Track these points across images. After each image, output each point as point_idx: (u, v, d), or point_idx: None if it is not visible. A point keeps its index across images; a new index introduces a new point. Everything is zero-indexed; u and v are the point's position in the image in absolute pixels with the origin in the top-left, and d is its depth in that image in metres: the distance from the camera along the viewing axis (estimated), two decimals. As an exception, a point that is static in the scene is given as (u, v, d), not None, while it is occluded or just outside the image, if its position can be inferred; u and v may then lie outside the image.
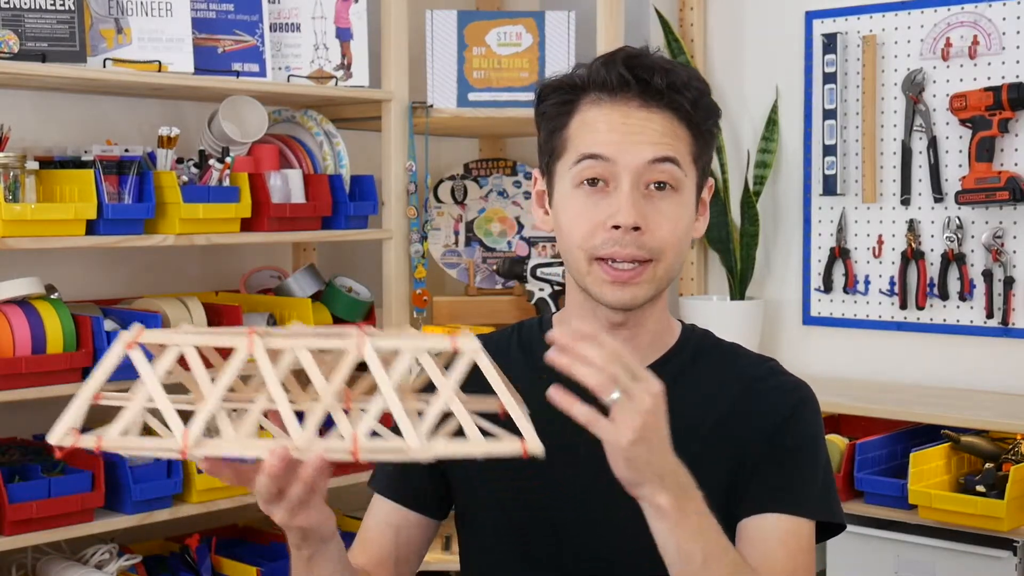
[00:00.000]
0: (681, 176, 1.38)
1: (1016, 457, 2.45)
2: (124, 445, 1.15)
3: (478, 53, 2.91)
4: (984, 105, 2.72)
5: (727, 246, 3.08)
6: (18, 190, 2.21)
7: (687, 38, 3.19)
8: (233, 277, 2.89)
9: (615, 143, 1.36)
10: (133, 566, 2.43)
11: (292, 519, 1.21)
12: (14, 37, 2.25)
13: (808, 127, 3.07)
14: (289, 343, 1.14)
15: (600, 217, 1.36)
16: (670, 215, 1.37)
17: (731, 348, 1.51)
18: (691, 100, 1.38)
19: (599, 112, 1.38)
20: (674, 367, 1.45)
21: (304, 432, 1.13)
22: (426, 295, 2.82)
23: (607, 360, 1.15)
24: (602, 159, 1.36)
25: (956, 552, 2.43)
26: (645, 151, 1.36)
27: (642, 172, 1.36)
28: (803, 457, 1.42)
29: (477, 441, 1.13)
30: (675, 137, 1.38)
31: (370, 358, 1.12)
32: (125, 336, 1.15)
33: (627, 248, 1.36)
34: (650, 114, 1.37)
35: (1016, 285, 2.76)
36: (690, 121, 1.39)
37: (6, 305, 2.24)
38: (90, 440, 1.14)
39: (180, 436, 1.12)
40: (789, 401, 1.44)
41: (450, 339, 1.13)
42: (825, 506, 1.43)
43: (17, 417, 2.49)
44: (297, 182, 2.63)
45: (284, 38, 2.71)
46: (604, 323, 1.42)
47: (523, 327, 1.54)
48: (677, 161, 1.37)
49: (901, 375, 2.95)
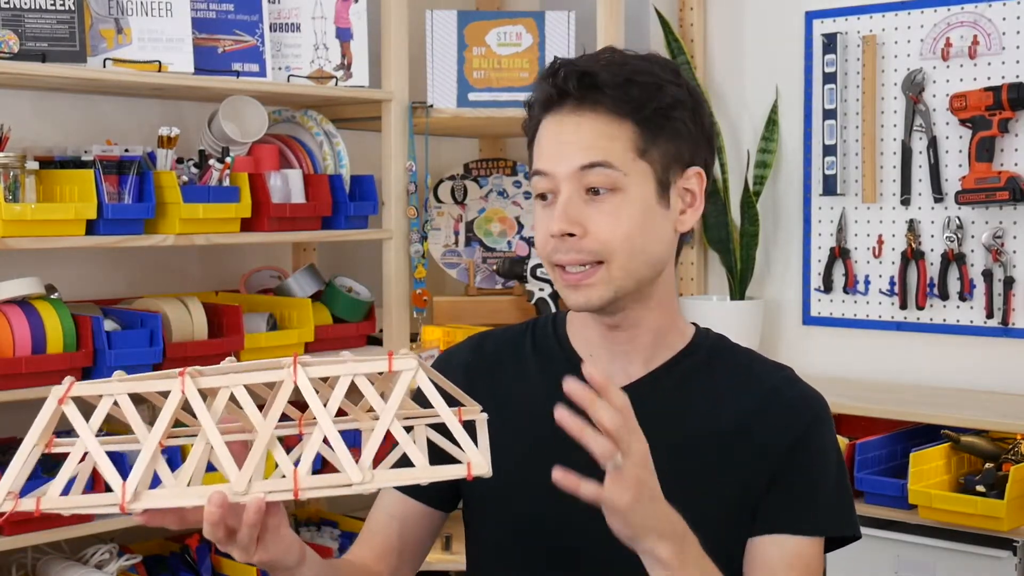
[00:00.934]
0: (618, 176, 1.37)
1: (1016, 457, 2.45)
2: (63, 505, 1.15)
3: (478, 53, 2.91)
4: (984, 105, 2.72)
5: (727, 246, 3.08)
6: (18, 190, 2.21)
7: (687, 38, 3.19)
8: (233, 277, 2.89)
9: (552, 156, 1.40)
10: (133, 566, 2.43)
11: (249, 557, 1.21)
12: (14, 37, 2.25)
13: (808, 127, 3.07)
14: (223, 381, 1.14)
15: (550, 227, 1.40)
16: (610, 215, 1.37)
17: (746, 353, 1.51)
18: (617, 96, 1.37)
19: (545, 128, 1.42)
20: (686, 368, 1.45)
21: (242, 474, 1.12)
22: (426, 295, 2.82)
23: (616, 425, 1.15)
24: (544, 174, 1.40)
25: (956, 552, 2.43)
26: (575, 158, 1.38)
27: (575, 179, 1.38)
28: (817, 476, 1.42)
29: (422, 468, 1.13)
30: (609, 137, 1.37)
31: (304, 387, 1.12)
32: (57, 391, 1.15)
33: (568, 254, 1.38)
34: (580, 118, 1.38)
35: (1016, 285, 2.76)
36: (627, 113, 1.37)
37: (6, 305, 2.24)
38: (29, 503, 1.15)
39: (119, 491, 1.12)
40: (804, 417, 1.43)
41: (386, 360, 1.13)
42: (837, 521, 1.43)
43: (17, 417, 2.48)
44: (297, 182, 2.63)
45: (284, 38, 2.71)
46: (600, 326, 1.44)
47: (536, 327, 1.55)
48: (608, 163, 1.37)
49: (901, 375, 2.95)
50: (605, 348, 1.46)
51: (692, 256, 3.21)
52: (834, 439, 1.46)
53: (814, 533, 1.40)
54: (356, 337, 2.78)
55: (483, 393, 1.32)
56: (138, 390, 1.16)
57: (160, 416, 1.14)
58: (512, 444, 1.38)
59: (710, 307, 3.10)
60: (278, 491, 1.12)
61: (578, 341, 1.49)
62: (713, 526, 1.28)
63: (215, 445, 1.12)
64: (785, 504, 1.39)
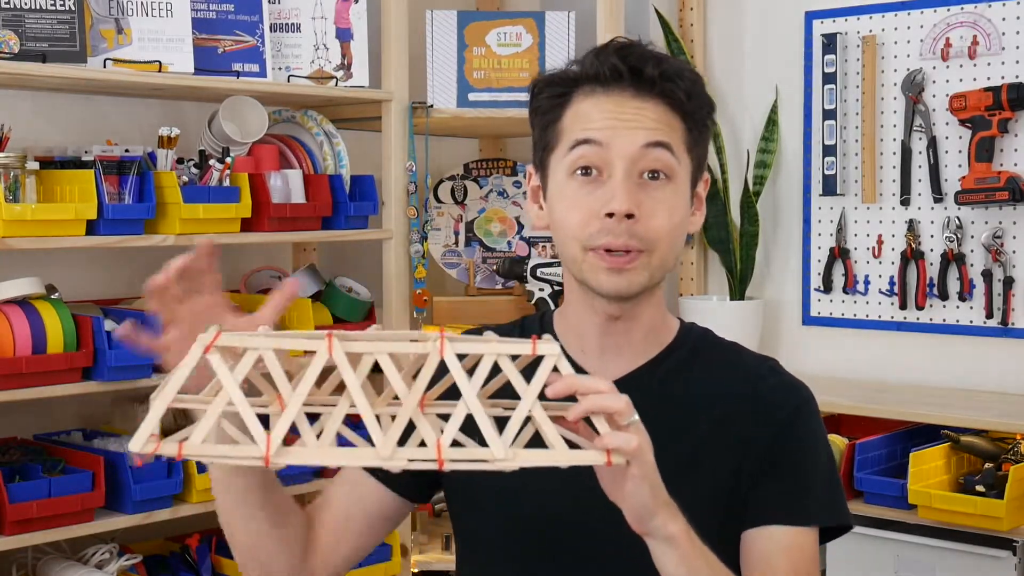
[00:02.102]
0: (675, 164, 1.38)
1: (1016, 457, 2.45)
2: (205, 453, 1.12)
3: (478, 53, 2.91)
4: (984, 105, 2.72)
5: (727, 246, 3.09)
6: (18, 190, 2.21)
7: (687, 38, 3.19)
8: (233, 277, 2.89)
9: (608, 128, 1.36)
10: (133, 566, 2.43)
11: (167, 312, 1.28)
12: (14, 37, 2.25)
13: (808, 127, 3.07)
14: (370, 347, 1.12)
15: (594, 206, 1.36)
16: (664, 203, 1.37)
17: (732, 347, 1.51)
18: (685, 90, 1.38)
19: (593, 103, 1.38)
20: (672, 363, 1.45)
21: (387, 439, 1.10)
22: (426, 295, 2.82)
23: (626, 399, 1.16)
24: (595, 144, 1.36)
25: (956, 552, 2.43)
26: (638, 136, 1.36)
27: (636, 159, 1.36)
28: (805, 465, 1.42)
29: (561, 451, 1.11)
30: (669, 126, 1.38)
31: (451, 363, 1.11)
32: (203, 339, 1.12)
33: (620, 237, 1.35)
34: (643, 103, 1.37)
35: (1016, 285, 2.76)
36: (684, 111, 1.39)
37: (6, 305, 2.24)
38: (171, 447, 1.12)
39: (263, 444, 1.11)
40: (789, 406, 1.44)
41: (529, 344, 1.13)
42: (829, 512, 1.43)
43: (17, 417, 2.49)
44: (297, 182, 2.64)
45: (284, 38, 2.71)
46: (601, 315, 1.42)
47: (525, 324, 1.54)
48: (671, 147, 1.37)
49: (901, 375, 2.95)
50: (597, 342, 1.45)
51: (692, 256, 3.21)
52: (821, 429, 1.46)
53: (808, 523, 1.40)
54: (356, 337, 2.78)
55: None
56: (284, 347, 1.13)
57: (305, 375, 1.12)
58: None
59: (710, 307, 3.10)
60: (422, 459, 1.11)
61: (568, 336, 1.47)
62: (702, 517, 1.28)
63: (361, 409, 1.11)
64: (777, 495, 1.39)
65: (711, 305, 3.12)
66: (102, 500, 2.29)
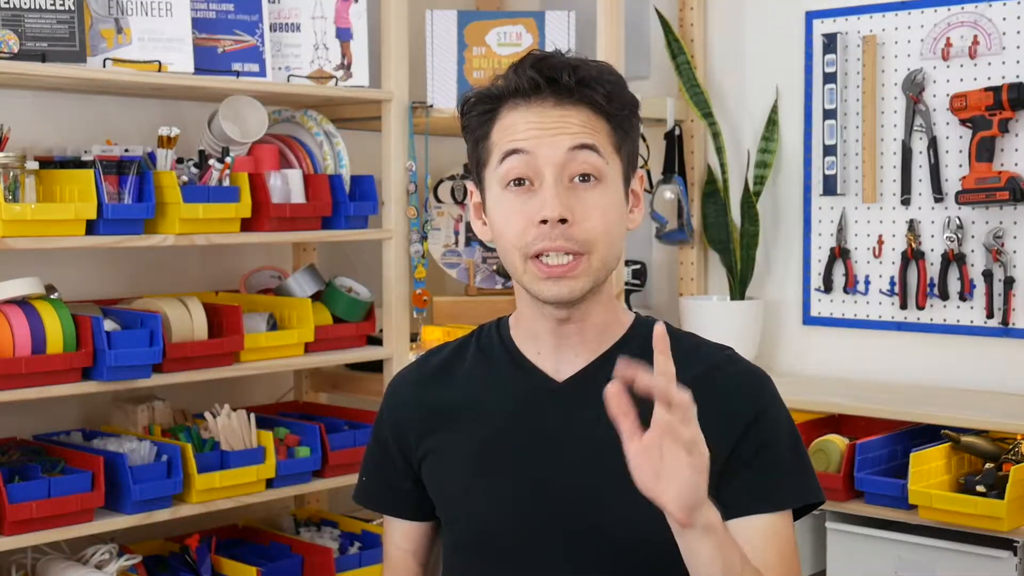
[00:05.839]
0: (603, 165, 1.41)
1: (1016, 457, 2.45)
2: None
3: (478, 53, 2.91)
4: (984, 105, 2.72)
5: (727, 246, 3.08)
6: (18, 190, 2.21)
7: (687, 38, 3.19)
8: (233, 277, 2.89)
9: (533, 138, 1.40)
10: (133, 566, 2.43)
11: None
12: (14, 37, 2.25)
13: (808, 127, 3.07)
14: None
15: (529, 214, 1.40)
16: (597, 205, 1.40)
17: (688, 337, 1.52)
18: (604, 93, 1.41)
19: (517, 115, 1.42)
20: (627, 355, 1.45)
21: None
22: (426, 295, 2.82)
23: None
24: (523, 153, 1.40)
25: (956, 552, 2.43)
26: (563, 141, 1.39)
27: (563, 164, 1.39)
28: (779, 451, 1.44)
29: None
30: (593, 129, 1.41)
31: None
32: None
33: (556, 241, 1.39)
34: (565, 111, 1.41)
35: (1016, 285, 2.76)
36: (606, 113, 1.42)
37: (6, 305, 2.24)
38: None
39: None
40: (755, 396, 1.46)
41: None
42: (802, 491, 1.45)
43: (17, 417, 2.49)
44: (297, 182, 2.63)
45: (284, 38, 2.71)
46: (551, 320, 1.46)
47: (482, 333, 1.58)
48: (597, 149, 1.40)
49: (901, 375, 2.95)
50: (552, 344, 1.48)
51: (692, 256, 3.20)
52: (784, 411, 1.48)
53: (785, 507, 1.43)
54: (356, 337, 2.78)
55: (433, 402, 1.42)
56: None
57: None
58: (461, 447, 1.46)
59: (710, 307, 3.10)
60: None
61: (524, 340, 1.51)
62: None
63: None
64: (756, 486, 1.41)
65: (711, 305, 3.12)
66: (102, 500, 2.29)
